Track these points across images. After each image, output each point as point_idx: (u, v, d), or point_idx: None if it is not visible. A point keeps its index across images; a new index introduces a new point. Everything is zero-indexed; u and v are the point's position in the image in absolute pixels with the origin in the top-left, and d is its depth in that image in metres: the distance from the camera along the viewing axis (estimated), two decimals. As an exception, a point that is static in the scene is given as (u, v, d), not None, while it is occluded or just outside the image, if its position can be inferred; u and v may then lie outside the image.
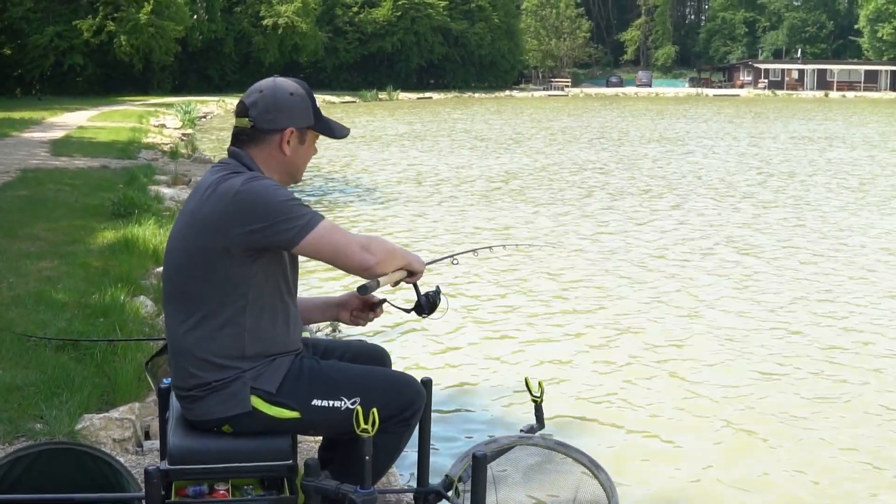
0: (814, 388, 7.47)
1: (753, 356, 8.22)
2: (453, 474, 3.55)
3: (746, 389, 7.40)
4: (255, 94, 3.26)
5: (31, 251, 9.20)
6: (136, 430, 5.07)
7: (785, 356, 8.24)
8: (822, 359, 8.21)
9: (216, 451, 3.10)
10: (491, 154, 28.43)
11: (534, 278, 11.27)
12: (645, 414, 6.92)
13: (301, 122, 3.28)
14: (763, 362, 8.07)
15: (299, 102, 3.28)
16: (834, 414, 6.92)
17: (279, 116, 3.23)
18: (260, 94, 3.25)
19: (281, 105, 3.24)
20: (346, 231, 3.24)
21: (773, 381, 7.62)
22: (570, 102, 79.36)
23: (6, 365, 5.67)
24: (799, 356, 8.24)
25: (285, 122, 3.24)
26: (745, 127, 43.66)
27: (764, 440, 6.43)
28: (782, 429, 6.63)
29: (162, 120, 37.85)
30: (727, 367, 7.95)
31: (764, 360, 8.14)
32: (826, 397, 7.28)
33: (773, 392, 7.38)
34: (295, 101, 3.27)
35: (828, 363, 8.10)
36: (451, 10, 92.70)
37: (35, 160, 18.81)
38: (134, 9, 59.31)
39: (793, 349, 8.44)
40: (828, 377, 7.75)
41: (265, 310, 3.17)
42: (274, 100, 3.24)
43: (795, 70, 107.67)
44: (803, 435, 6.53)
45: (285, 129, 3.24)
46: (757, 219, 15.99)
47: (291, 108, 3.26)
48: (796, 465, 6.05)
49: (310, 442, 4.83)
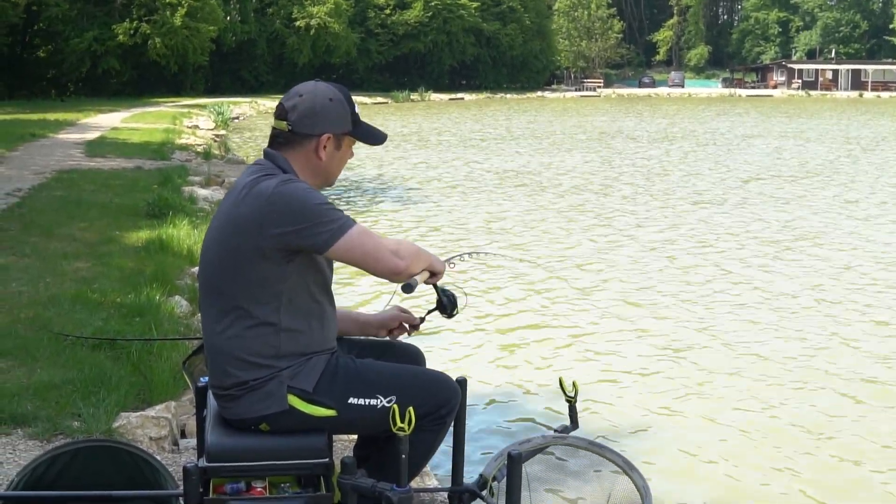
0: (859, 391, 7.38)
1: (793, 360, 8.15)
2: (488, 473, 3.56)
3: (784, 392, 7.35)
4: (295, 98, 3.27)
5: (67, 251, 9.28)
6: (173, 428, 5.10)
7: (829, 361, 8.15)
8: (873, 363, 8.09)
9: (253, 449, 3.12)
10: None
11: (571, 278, 11.25)
12: (679, 414, 6.90)
13: (338, 128, 3.29)
14: (804, 367, 7.99)
15: (338, 108, 3.29)
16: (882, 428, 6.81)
17: (317, 122, 3.24)
18: (300, 98, 3.26)
19: (319, 110, 3.25)
20: (376, 235, 3.25)
21: (813, 385, 7.56)
22: (606, 103, 79.15)
23: (44, 364, 5.73)
24: (841, 362, 8.14)
25: (323, 127, 3.25)
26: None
27: (803, 442, 6.39)
28: (821, 429, 6.58)
29: (195, 121, 38.07)
30: (766, 371, 7.86)
31: (805, 363, 8.06)
32: (874, 406, 7.16)
33: (813, 395, 7.32)
34: (333, 107, 3.28)
35: (885, 368, 7.97)
36: (483, 10, 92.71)
37: (70, 161, 18.96)
38: (169, 12, 59.72)
39: (838, 354, 8.34)
40: (883, 383, 7.62)
41: (300, 309, 3.18)
42: (313, 105, 3.25)
43: (829, 70, 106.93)
44: (842, 434, 6.49)
45: (322, 134, 3.25)
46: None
47: (330, 113, 3.27)
48: (833, 465, 6.02)
49: (345, 440, 4.85)
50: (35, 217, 11.33)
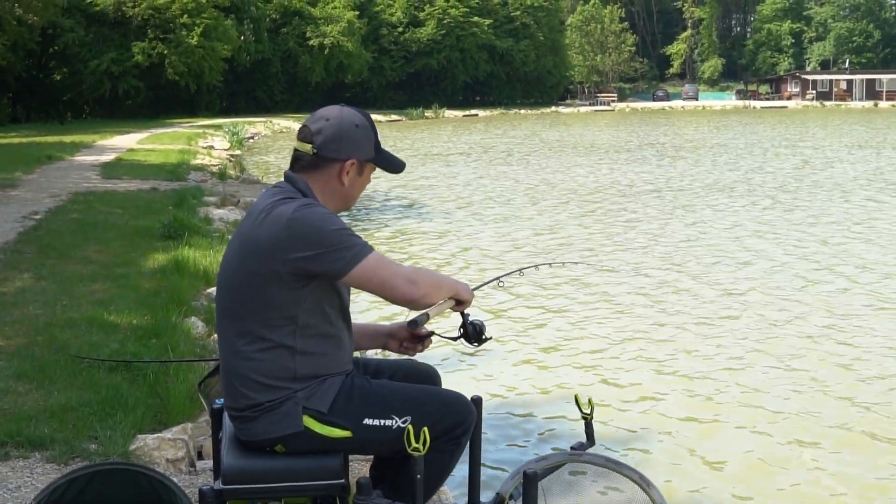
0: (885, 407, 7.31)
1: (812, 372, 8.10)
2: (504, 492, 3.55)
3: (804, 405, 7.29)
4: (322, 122, 3.27)
5: (83, 273, 9.32)
6: (189, 450, 5.10)
7: (849, 371, 8.12)
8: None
9: (269, 471, 3.13)
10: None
11: (584, 297, 11.21)
12: (697, 431, 6.86)
13: (363, 154, 3.30)
14: (827, 380, 7.93)
15: (363, 134, 3.30)
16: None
17: (343, 147, 3.25)
18: (326, 123, 3.26)
19: (346, 135, 3.25)
20: (393, 263, 3.26)
21: (832, 396, 7.52)
22: (621, 117, 79.12)
23: (61, 386, 5.75)
24: (865, 376, 8.09)
25: (348, 152, 3.26)
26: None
27: (826, 459, 6.33)
28: (842, 445, 6.54)
29: (210, 141, 38.21)
30: (782, 387, 7.79)
31: (827, 377, 8.00)
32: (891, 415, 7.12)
33: (830, 407, 7.27)
34: (360, 133, 3.28)
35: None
36: (496, 27, 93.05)
37: (86, 183, 19.07)
38: (185, 32, 60.11)
39: (861, 370, 8.27)
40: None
41: (316, 333, 3.18)
42: (340, 130, 3.25)
43: (844, 80, 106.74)
44: (864, 451, 6.45)
45: (347, 160, 3.26)
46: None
47: (356, 139, 3.27)
48: (854, 481, 5.98)
49: (361, 461, 4.84)
50: (52, 240, 11.39)
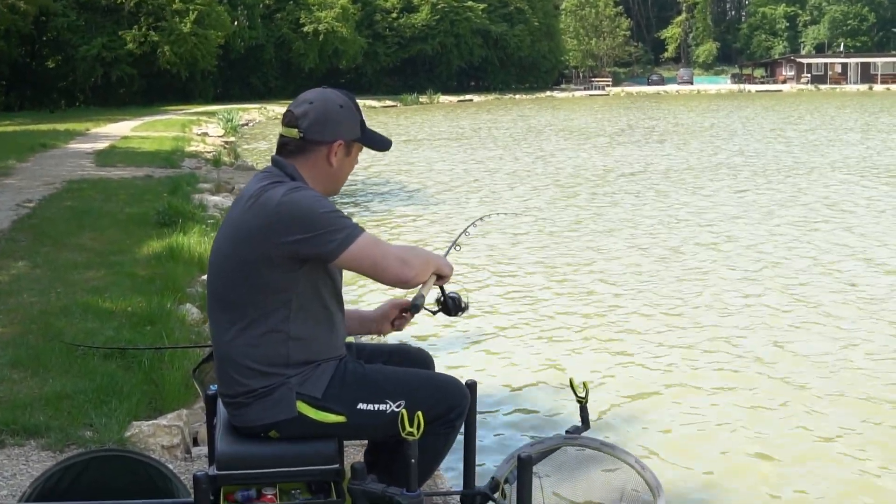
0: (883, 392, 7.27)
1: (804, 353, 8.12)
2: (499, 476, 3.55)
3: (798, 385, 7.32)
4: (305, 105, 3.26)
5: (78, 261, 9.31)
6: (185, 436, 5.11)
7: (842, 349, 8.14)
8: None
9: (263, 457, 3.13)
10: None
11: (578, 278, 11.23)
12: (692, 413, 6.86)
13: (349, 134, 3.29)
14: (818, 356, 7.97)
15: (348, 115, 3.29)
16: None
17: (328, 129, 3.24)
18: (310, 106, 3.25)
19: (331, 117, 3.25)
20: (385, 244, 3.25)
21: (827, 374, 7.55)
22: (615, 101, 79.01)
23: (56, 373, 5.75)
24: (855, 355, 8.11)
25: (334, 134, 3.25)
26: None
27: (823, 446, 6.33)
28: (835, 424, 6.56)
29: (204, 128, 38.15)
30: (779, 367, 7.82)
31: (820, 353, 8.03)
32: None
33: (826, 385, 7.30)
34: (344, 114, 3.28)
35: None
36: (490, 12, 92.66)
37: (80, 171, 19.04)
38: (177, 19, 59.91)
39: (853, 349, 8.29)
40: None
41: (309, 317, 3.18)
42: (324, 112, 3.24)
43: (839, 64, 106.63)
44: (858, 431, 6.46)
45: (334, 141, 3.25)
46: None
47: (341, 120, 3.27)
48: (850, 462, 5.99)
49: (356, 445, 4.85)
50: (46, 227, 11.38)
